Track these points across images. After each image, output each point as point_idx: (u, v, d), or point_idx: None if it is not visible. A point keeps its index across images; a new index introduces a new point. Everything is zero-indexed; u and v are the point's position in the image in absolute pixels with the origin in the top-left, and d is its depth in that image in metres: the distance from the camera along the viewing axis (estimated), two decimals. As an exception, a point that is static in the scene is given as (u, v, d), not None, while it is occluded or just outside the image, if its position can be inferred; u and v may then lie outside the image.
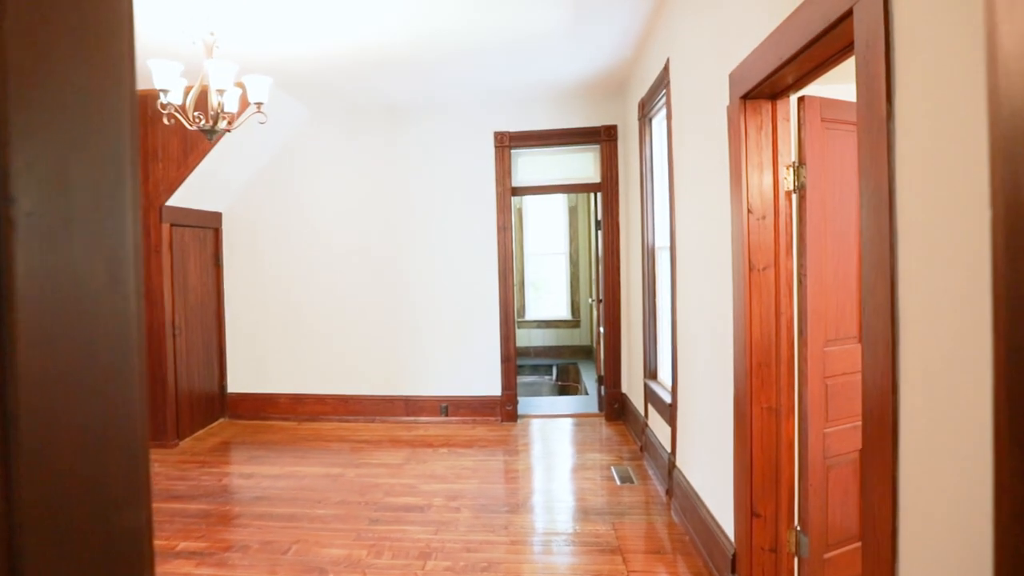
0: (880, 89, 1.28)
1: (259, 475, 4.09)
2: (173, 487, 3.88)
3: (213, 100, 2.80)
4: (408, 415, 5.32)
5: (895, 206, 1.26)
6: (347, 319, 5.38)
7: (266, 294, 5.45)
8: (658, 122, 3.99)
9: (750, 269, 2.25)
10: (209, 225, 5.24)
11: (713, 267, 2.70)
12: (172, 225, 4.69)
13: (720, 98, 2.48)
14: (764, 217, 2.23)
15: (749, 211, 2.24)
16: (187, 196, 4.75)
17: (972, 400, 1.06)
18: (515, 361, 5.30)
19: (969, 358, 1.07)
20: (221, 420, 5.46)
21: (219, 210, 5.36)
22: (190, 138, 4.50)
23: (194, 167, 4.51)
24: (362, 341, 5.37)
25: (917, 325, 1.22)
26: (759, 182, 2.23)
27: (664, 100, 3.47)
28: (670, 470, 3.47)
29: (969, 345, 1.07)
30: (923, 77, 1.18)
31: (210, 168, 4.69)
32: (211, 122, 2.86)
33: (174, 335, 4.74)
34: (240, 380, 5.52)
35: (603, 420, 5.24)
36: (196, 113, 2.91)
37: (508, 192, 5.15)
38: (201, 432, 5.11)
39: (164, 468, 4.24)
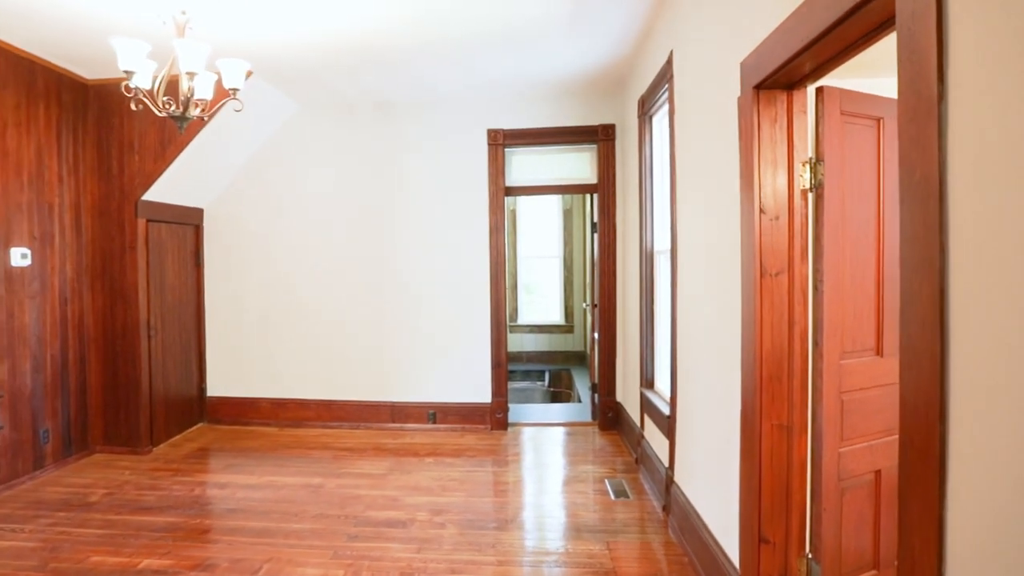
0: (929, 66, 1.10)
1: (235, 485, 3.88)
2: (142, 498, 3.65)
3: (183, 84, 2.60)
4: (394, 422, 5.11)
5: (946, 199, 1.08)
6: (332, 321, 5.17)
7: (248, 295, 5.23)
8: (659, 120, 3.82)
9: (761, 274, 2.07)
10: (189, 222, 5.02)
11: (719, 272, 2.52)
12: (148, 221, 4.47)
13: (729, 91, 2.31)
14: (777, 218, 2.05)
15: (761, 211, 2.06)
16: (166, 191, 4.53)
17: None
18: (506, 367, 5.11)
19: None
20: (200, 425, 5.23)
21: (200, 206, 5.14)
22: (168, 129, 4.29)
23: (172, 160, 4.30)
24: (347, 344, 5.17)
25: (974, 339, 1.04)
26: (773, 180, 2.05)
27: (666, 95, 3.30)
28: (668, 485, 3.28)
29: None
30: (985, 50, 1.00)
31: (190, 162, 4.48)
32: (181, 108, 2.66)
33: (149, 336, 4.52)
34: (220, 383, 5.30)
35: (596, 429, 5.05)
36: (166, 98, 2.71)
37: (501, 192, 4.96)
38: (177, 438, 4.89)
39: (135, 476, 4.02)
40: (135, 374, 4.43)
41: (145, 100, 2.73)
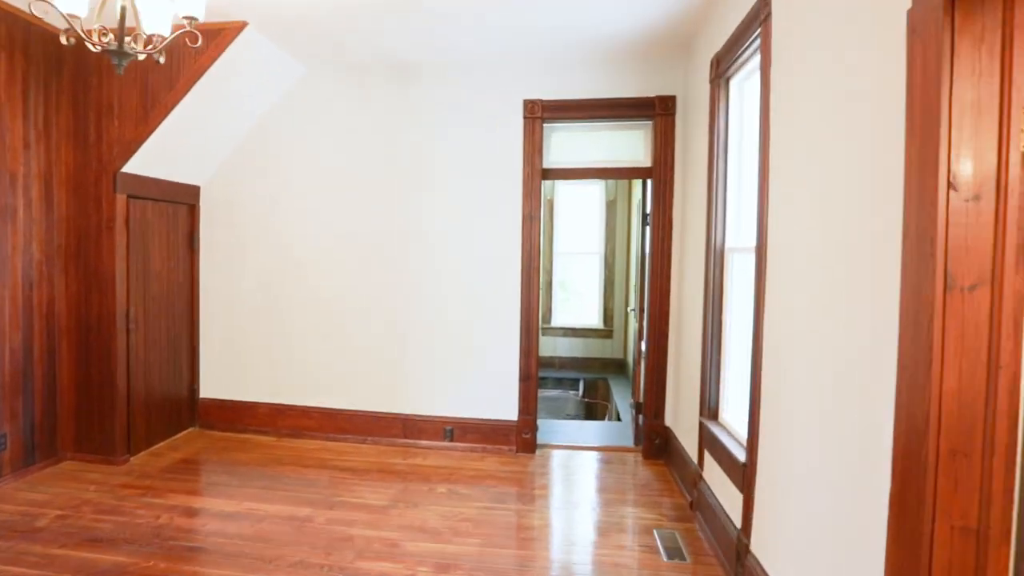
0: None
1: (208, 512, 3.26)
2: (97, 525, 3.06)
3: (115, 7, 1.95)
4: (406, 437, 4.44)
5: None
6: (341, 319, 4.52)
7: (248, 285, 4.62)
8: (739, 82, 3.03)
9: (945, 287, 1.30)
10: (182, 200, 4.43)
11: (846, 278, 1.75)
12: (130, 197, 3.88)
13: (883, 5, 1.53)
14: (978, 198, 1.28)
15: (951, 187, 1.29)
16: (151, 163, 3.94)
17: None
18: (536, 380, 4.38)
19: None
20: (190, 430, 4.66)
21: (196, 183, 4.55)
22: (152, 90, 3.69)
23: (156, 126, 3.70)
24: (356, 346, 4.51)
25: None
26: (972, 138, 1.28)
27: (758, 44, 2.52)
28: (740, 553, 2.52)
29: None
30: None
31: (178, 129, 3.87)
32: (117, 42, 2.01)
33: (128, 329, 3.94)
34: (215, 384, 4.71)
35: (639, 457, 4.30)
36: (99, 27, 2.06)
37: (538, 174, 4.23)
38: (161, 445, 4.31)
39: (98, 495, 3.43)
40: (108, 372, 3.85)
41: (80, 33, 2.09)
